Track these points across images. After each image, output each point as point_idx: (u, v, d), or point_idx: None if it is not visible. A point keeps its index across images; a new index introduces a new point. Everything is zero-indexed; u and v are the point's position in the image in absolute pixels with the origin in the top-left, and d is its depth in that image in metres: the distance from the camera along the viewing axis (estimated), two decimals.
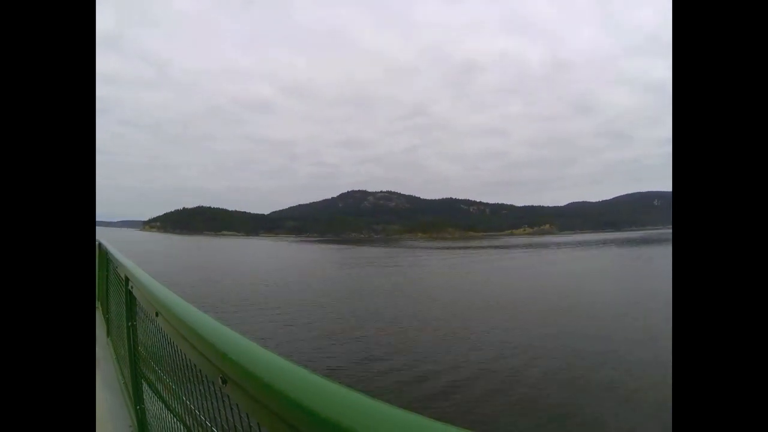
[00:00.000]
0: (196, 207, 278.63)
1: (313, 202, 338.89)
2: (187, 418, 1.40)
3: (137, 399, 2.27)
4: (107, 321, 4.33)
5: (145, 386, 2.17)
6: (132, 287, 2.17)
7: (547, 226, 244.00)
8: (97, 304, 5.63)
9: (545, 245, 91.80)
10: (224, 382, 0.85)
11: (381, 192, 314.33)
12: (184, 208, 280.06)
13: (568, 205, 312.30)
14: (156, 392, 1.94)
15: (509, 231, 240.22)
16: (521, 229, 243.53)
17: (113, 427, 2.60)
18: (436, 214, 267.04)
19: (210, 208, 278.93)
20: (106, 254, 4.27)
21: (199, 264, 44.56)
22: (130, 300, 2.31)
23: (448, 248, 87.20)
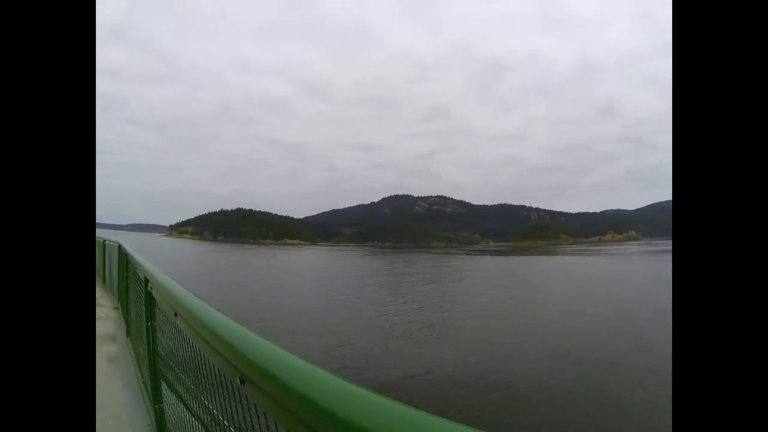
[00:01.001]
0: (236, 209, 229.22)
1: (348, 207, 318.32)
2: (204, 417, 1.42)
3: (156, 398, 2.31)
4: (127, 321, 4.41)
5: (163, 385, 2.21)
6: (151, 288, 2.21)
7: (633, 232, 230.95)
8: (117, 304, 5.76)
9: None
10: (242, 382, 0.86)
11: (432, 197, 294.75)
12: (222, 210, 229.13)
13: (603, 212, 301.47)
14: (174, 391, 1.97)
15: (597, 237, 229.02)
16: (609, 235, 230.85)
17: (132, 425, 2.65)
18: (496, 220, 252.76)
19: (252, 211, 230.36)
20: (126, 256, 4.36)
21: None
22: (150, 300, 2.36)
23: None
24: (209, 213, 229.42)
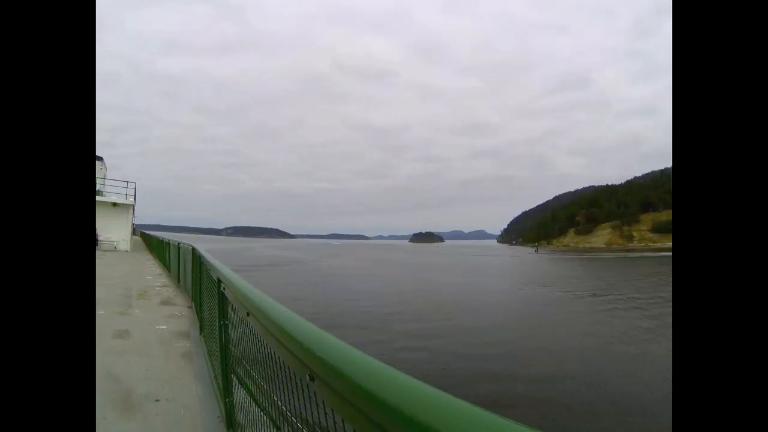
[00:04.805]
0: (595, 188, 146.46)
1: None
2: (273, 412, 1.50)
3: (226, 392, 2.46)
4: (200, 319, 4.72)
5: (234, 380, 2.35)
6: (224, 288, 2.36)
7: None
8: (191, 303, 6.18)
9: None
10: (312, 379, 0.89)
11: None
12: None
13: None
14: (244, 386, 2.08)
15: None
16: None
17: (203, 416, 2.83)
18: None
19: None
20: (199, 259, 4.67)
21: None
22: (222, 300, 2.51)
23: None
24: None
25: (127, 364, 3.81)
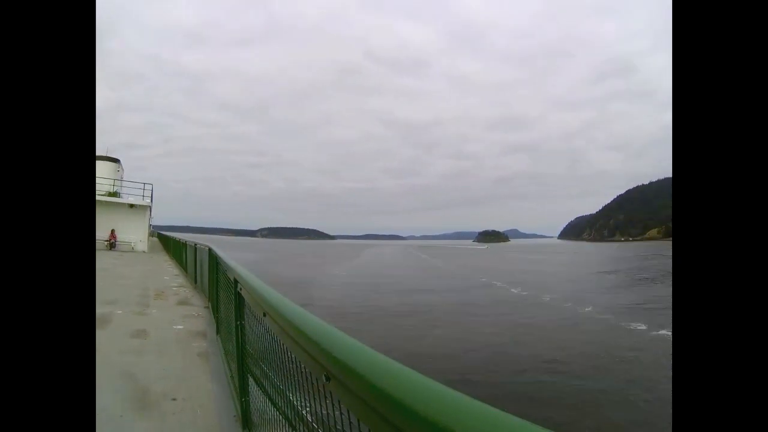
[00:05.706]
0: None
1: None
2: (288, 412, 1.51)
3: (242, 391, 2.49)
4: (217, 320, 4.78)
5: (250, 380, 2.37)
6: (241, 289, 2.39)
7: None
8: (208, 304, 6.26)
9: None
10: (328, 379, 0.90)
11: None
12: None
13: None
14: (260, 386, 2.11)
15: None
16: None
17: (219, 415, 2.86)
18: None
19: None
20: (216, 259, 4.74)
21: None
22: (239, 301, 2.54)
23: None
24: None
25: (145, 363, 3.88)
